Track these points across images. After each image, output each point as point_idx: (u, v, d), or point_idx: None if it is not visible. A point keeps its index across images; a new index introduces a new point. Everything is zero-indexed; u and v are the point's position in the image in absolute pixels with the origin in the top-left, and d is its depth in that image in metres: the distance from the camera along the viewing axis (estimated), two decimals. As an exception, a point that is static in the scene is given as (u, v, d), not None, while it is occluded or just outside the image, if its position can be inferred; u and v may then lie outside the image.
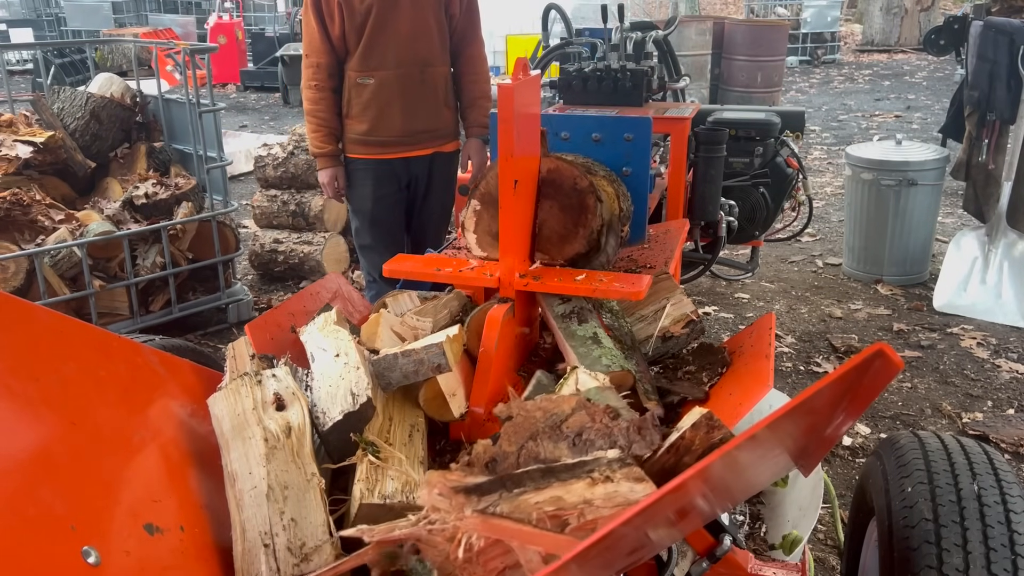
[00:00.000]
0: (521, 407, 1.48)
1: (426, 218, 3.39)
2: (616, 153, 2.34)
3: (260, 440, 1.52)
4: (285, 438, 1.53)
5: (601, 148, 2.36)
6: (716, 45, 9.79)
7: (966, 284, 4.35)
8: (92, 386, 1.43)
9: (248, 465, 1.49)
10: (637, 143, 2.34)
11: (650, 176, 2.51)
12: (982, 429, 3.15)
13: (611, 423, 1.43)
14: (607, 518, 1.20)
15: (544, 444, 1.40)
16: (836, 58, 14.90)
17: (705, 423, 1.49)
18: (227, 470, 1.51)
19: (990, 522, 1.43)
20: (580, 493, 1.24)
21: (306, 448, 1.53)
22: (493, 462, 1.40)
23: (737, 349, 2.02)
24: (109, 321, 3.81)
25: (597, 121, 2.37)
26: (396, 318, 1.96)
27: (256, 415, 1.57)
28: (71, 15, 15.17)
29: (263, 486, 1.46)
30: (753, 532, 2.31)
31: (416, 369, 1.70)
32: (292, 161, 4.86)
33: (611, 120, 2.37)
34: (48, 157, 4.03)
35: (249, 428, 1.55)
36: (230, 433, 1.55)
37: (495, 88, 2.05)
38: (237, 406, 1.58)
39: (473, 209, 2.06)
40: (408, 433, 1.73)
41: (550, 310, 1.96)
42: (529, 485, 1.26)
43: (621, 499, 1.23)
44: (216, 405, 1.59)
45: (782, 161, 3.64)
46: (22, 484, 1.15)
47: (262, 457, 1.49)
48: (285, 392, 1.63)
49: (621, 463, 1.27)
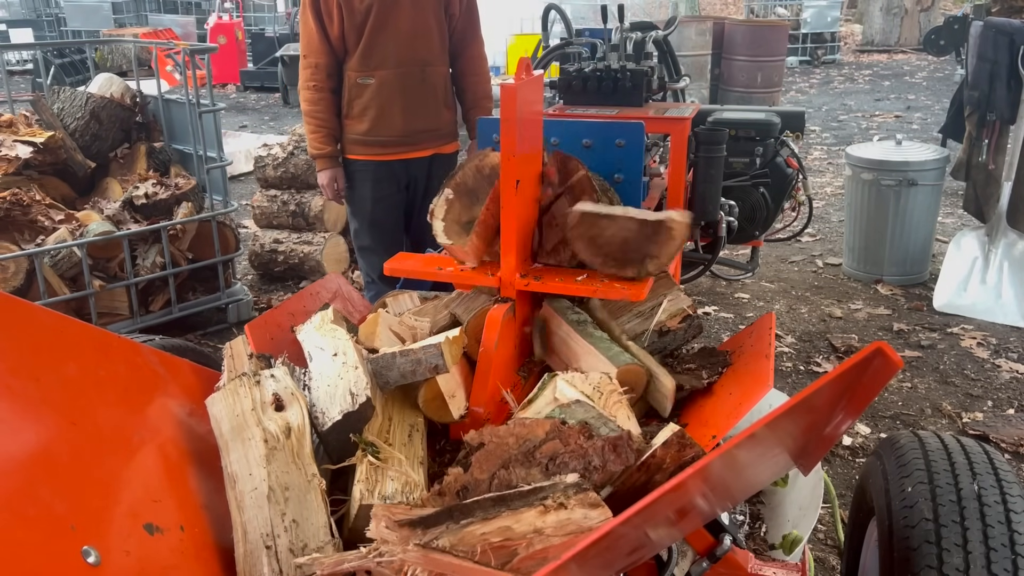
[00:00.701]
0: (494, 433, 1.47)
1: (425, 219, 3.39)
2: (608, 159, 2.24)
3: (260, 441, 1.52)
4: (285, 439, 1.53)
5: (592, 154, 2.24)
6: (716, 45, 9.79)
7: (966, 284, 4.35)
8: (92, 386, 1.43)
9: (248, 466, 1.49)
10: (629, 149, 2.24)
11: (643, 183, 2.41)
12: (982, 429, 3.15)
13: (586, 443, 1.41)
14: (558, 547, 1.20)
15: (516, 471, 1.39)
16: (836, 58, 14.90)
17: (676, 441, 1.51)
18: (227, 471, 1.50)
19: (990, 522, 1.43)
20: (530, 522, 1.24)
21: (306, 449, 1.53)
22: (465, 490, 1.39)
23: (737, 349, 2.02)
24: (109, 321, 3.81)
25: (587, 126, 2.28)
26: (395, 318, 1.95)
27: (255, 416, 1.56)
28: (71, 15, 15.17)
29: (264, 487, 1.45)
30: (753, 532, 2.31)
31: (414, 369, 1.70)
32: (292, 161, 4.86)
33: (602, 125, 2.26)
34: (48, 157, 4.03)
35: (248, 429, 1.54)
36: (229, 434, 1.54)
37: (497, 87, 2.05)
38: (236, 407, 1.57)
39: (445, 197, 2.06)
40: (408, 433, 1.72)
41: (564, 319, 1.94)
42: (478, 515, 1.25)
43: (574, 527, 1.23)
44: (215, 406, 1.59)
45: (782, 161, 3.64)
46: (22, 484, 1.15)
47: (262, 458, 1.49)
48: (284, 392, 1.62)
49: (577, 488, 1.26)
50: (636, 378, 1.81)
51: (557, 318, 1.97)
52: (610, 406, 1.64)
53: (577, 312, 1.99)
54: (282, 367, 1.71)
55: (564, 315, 1.96)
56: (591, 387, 1.67)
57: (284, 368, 1.70)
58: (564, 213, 1.98)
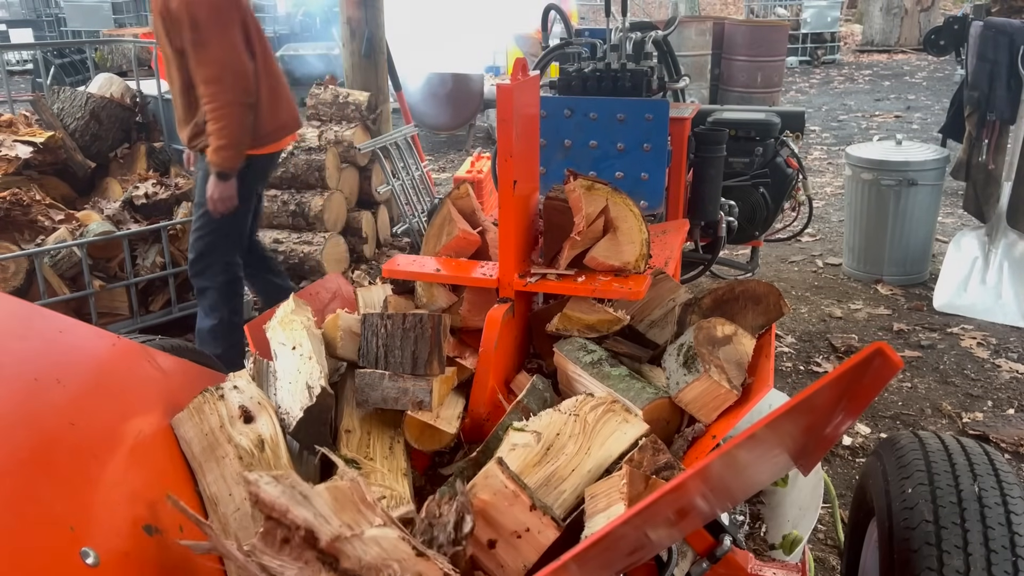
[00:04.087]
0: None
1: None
2: (639, 131, 2.77)
3: (234, 459, 1.47)
4: (259, 452, 1.49)
5: (625, 127, 2.78)
6: (716, 45, 9.77)
7: (966, 284, 4.35)
8: (92, 386, 1.42)
9: (227, 487, 1.45)
10: (656, 122, 2.75)
11: (667, 151, 2.86)
12: (982, 429, 3.15)
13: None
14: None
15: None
16: (836, 58, 14.89)
17: (650, 446, 1.50)
18: (206, 494, 1.45)
19: (991, 523, 1.43)
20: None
21: (283, 459, 1.49)
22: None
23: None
24: (109, 321, 3.81)
25: (622, 103, 2.80)
26: (356, 319, 1.86)
27: (225, 433, 1.51)
28: (71, 15, 15.15)
29: (246, 507, 1.41)
30: (753, 532, 2.31)
31: (398, 397, 1.66)
32: (292, 161, 4.86)
33: (634, 103, 2.81)
34: (48, 157, 4.04)
35: (221, 447, 1.49)
36: (202, 456, 1.49)
37: (494, 88, 2.05)
38: (203, 425, 1.52)
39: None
40: (388, 445, 1.70)
41: (577, 363, 1.84)
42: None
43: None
44: (181, 427, 1.53)
45: (782, 161, 3.64)
46: (22, 484, 1.15)
47: (239, 476, 1.44)
48: (250, 403, 1.58)
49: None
50: (664, 412, 1.73)
51: (570, 364, 1.86)
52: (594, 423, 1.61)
53: (590, 351, 1.88)
54: (244, 376, 1.66)
55: (576, 358, 1.86)
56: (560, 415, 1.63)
57: (246, 377, 1.66)
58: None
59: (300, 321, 1.78)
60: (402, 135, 5.38)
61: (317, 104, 5.24)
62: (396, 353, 1.67)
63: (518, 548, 1.40)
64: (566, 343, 1.92)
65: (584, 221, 1.94)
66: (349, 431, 1.69)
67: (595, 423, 1.60)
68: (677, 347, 1.79)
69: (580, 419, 1.61)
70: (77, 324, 1.49)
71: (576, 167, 2.13)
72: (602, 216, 1.98)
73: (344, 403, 1.76)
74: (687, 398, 1.68)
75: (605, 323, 1.94)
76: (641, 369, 1.91)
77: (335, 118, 5.19)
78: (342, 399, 1.78)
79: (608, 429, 1.60)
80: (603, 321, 1.94)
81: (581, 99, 2.85)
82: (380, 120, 5.28)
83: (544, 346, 2.04)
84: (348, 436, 1.68)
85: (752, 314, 1.91)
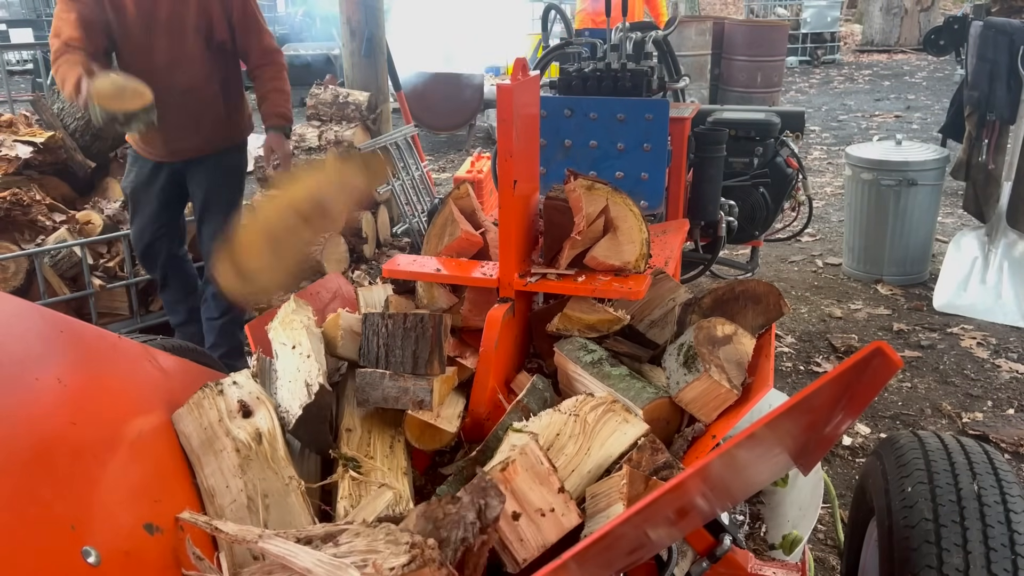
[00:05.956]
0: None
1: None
2: (639, 131, 2.78)
3: (232, 452, 1.49)
4: (257, 445, 1.50)
5: (626, 127, 2.79)
6: (716, 45, 9.77)
7: (966, 284, 4.35)
8: (92, 386, 1.43)
9: (224, 479, 1.47)
10: (656, 122, 2.76)
11: (667, 151, 2.87)
12: (982, 429, 3.15)
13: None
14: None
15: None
16: (836, 58, 14.89)
17: (649, 446, 1.50)
18: (203, 487, 1.47)
19: (990, 522, 1.43)
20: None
21: (279, 452, 1.51)
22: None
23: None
24: (109, 321, 3.81)
25: (622, 103, 2.80)
26: (356, 319, 1.87)
27: (223, 426, 1.53)
28: (71, 15, 15.13)
29: (242, 499, 1.43)
30: (753, 532, 2.31)
31: (398, 396, 1.67)
32: (292, 161, 4.85)
33: (634, 102, 2.81)
34: (48, 157, 4.03)
35: (219, 441, 1.51)
36: (200, 449, 1.51)
37: (494, 88, 2.06)
38: (202, 420, 1.54)
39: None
40: (389, 444, 1.70)
41: (577, 363, 1.85)
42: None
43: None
44: (181, 422, 1.55)
45: (782, 161, 3.64)
46: (22, 484, 1.15)
47: (236, 468, 1.46)
48: (249, 398, 1.59)
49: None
50: (664, 412, 1.73)
51: (571, 364, 1.87)
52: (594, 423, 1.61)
53: (591, 351, 1.88)
54: (244, 373, 1.68)
55: (576, 358, 1.86)
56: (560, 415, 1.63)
57: (246, 373, 1.67)
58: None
59: (300, 320, 1.79)
60: (402, 135, 5.38)
61: (317, 104, 5.24)
62: (397, 352, 1.67)
63: (539, 526, 1.41)
64: (566, 343, 1.92)
65: (584, 221, 1.94)
66: (350, 430, 1.70)
67: (595, 423, 1.61)
68: (677, 347, 1.79)
69: (580, 419, 1.61)
70: (78, 324, 1.49)
71: (576, 167, 2.13)
72: (602, 216, 1.98)
73: (345, 402, 1.77)
74: (687, 398, 1.68)
75: (605, 323, 1.94)
76: (641, 369, 1.91)
77: (335, 118, 5.18)
78: (343, 398, 1.78)
79: (608, 429, 1.60)
80: (603, 321, 1.94)
81: (581, 99, 2.85)
82: (380, 120, 5.28)
83: (544, 346, 2.04)
84: (349, 435, 1.68)
85: (752, 314, 1.91)
